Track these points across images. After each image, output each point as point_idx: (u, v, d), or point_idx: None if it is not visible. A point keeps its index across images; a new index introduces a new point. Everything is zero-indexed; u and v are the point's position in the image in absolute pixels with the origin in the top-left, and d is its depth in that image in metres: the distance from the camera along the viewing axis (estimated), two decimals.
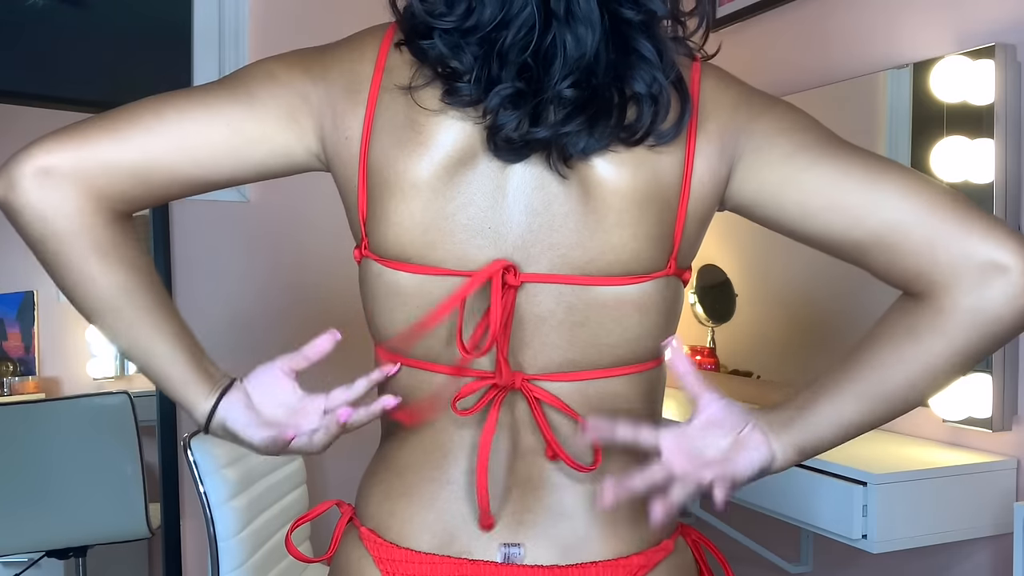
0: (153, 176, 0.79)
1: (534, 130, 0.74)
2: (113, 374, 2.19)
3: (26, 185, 0.76)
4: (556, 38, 0.75)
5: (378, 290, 0.81)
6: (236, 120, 0.79)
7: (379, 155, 0.79)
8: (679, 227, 0.80)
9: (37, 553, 2.03)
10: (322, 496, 2.33)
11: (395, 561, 0.82)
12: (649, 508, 0.75)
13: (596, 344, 0.79)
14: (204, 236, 2.24)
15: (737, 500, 1.70)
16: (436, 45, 0.76)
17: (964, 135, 1.58)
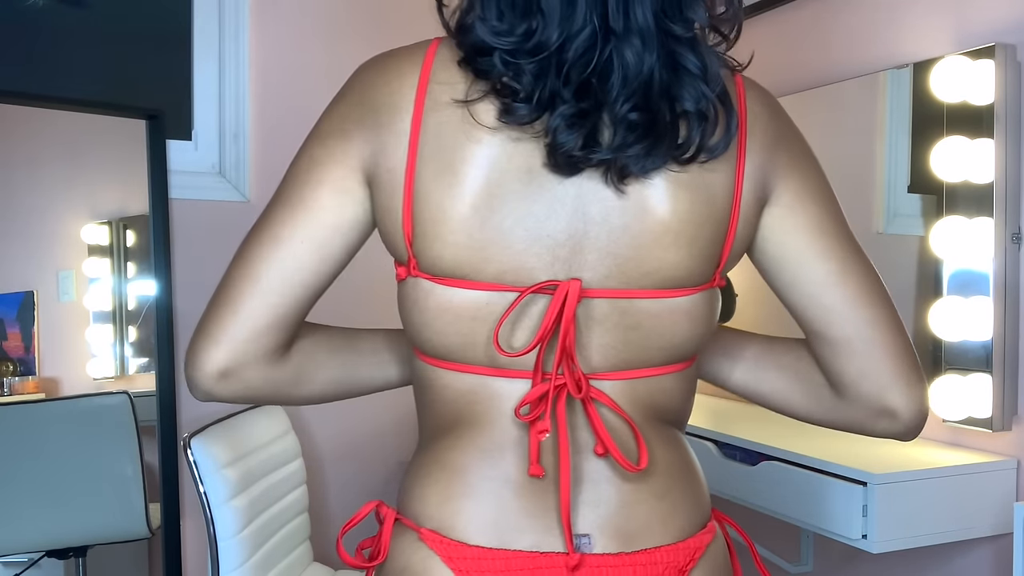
0: (289, 317, 0.89)
1: (596, 151, 0.77)
2: (113, 374, 2.19)
3: (219, 391, 0.86)
4: (613, 55, 0.77)
5: (428, 306, 0.83)
6: (308, 237, 0.84)
7: (428, 180, 0.79)
8: (728, 244, 0.85)
9: (37, 553, 2.03)
10: (322, 496, 2.33)
11: (467, 559, 0.82)
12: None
13: (647, 346, 0.84)
14: (204, 236, 2.24)
15: (737, 500, 1.70)
16: (495, 64, 0.77)
17: (964, 135, 1.58)
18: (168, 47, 2.20)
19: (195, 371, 0.85)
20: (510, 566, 0.81)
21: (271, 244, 0.86)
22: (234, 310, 0.86)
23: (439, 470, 0.86)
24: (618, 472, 0.85)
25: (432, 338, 0.84)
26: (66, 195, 2.15)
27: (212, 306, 0.88)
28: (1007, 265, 1.55)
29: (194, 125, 2.22)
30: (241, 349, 0.84)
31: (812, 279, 0.87)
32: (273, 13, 2.28)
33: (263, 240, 0.86)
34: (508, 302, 0.80)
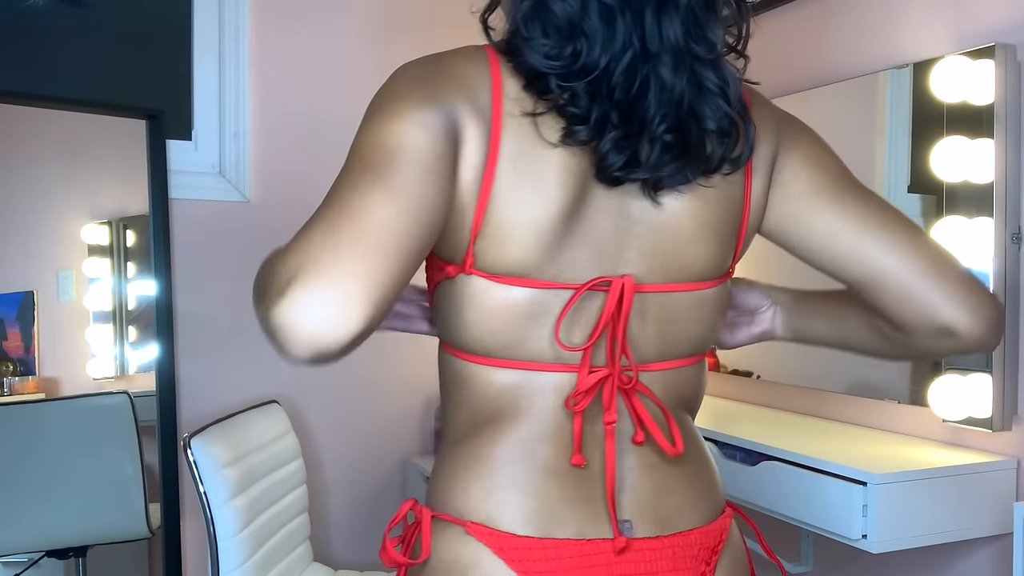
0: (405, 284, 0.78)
1: (635, 171, 0.84)
2: (113, 374, 2.19)
3: (341, 353, 0.72)
4: (650, 77, 0.83)
5: (484, 304, 0.85)
6: (427, 207, 0.77)
7: (508, 183, 0.82)
8: (743, 234, 0.93)
9: (37, 553, 2.03)
10: (322, 496, 2.33)
11: (517, 549, 0.84)
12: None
13: (680, 338, 0.91)
14: (204, 236, 2.24)
15: (737, 500, 1.70)
16: (551, 87, 0.82)
17: (964, 135, 1.58)
18: (168, 47, 2.20)
19: (329, 328, 0.69)
20: (560, 554, 0.84)
21: (397, 212, 0.74)
22: (373, 270, 0.71)
23: (479, 464, 0.87)
24: (651, 459, 0.90)
25: (483, 336, 0.86)
26: (66, 195, 2.15)
27: (343, 261, 0.70)
28: (1007, 265, 1.55)
29: (194, 125, 2.22)
30: (379, 314, 0.72)
31: (829, 231, 0.92)
32: (273, 13, 2.28)
33: (386, 205, 0.74)
34: (561, 299, 0.85)
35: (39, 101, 2.05)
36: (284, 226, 2.64)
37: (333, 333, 0.69)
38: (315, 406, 2.33)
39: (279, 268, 0.71)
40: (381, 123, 0.78)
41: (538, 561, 0.83)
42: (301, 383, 2.32)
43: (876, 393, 1.79)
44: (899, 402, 1.74)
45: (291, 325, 0.68)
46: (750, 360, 2.15)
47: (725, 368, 2.22)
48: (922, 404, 1.67)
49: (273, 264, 0.74)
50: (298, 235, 0.73)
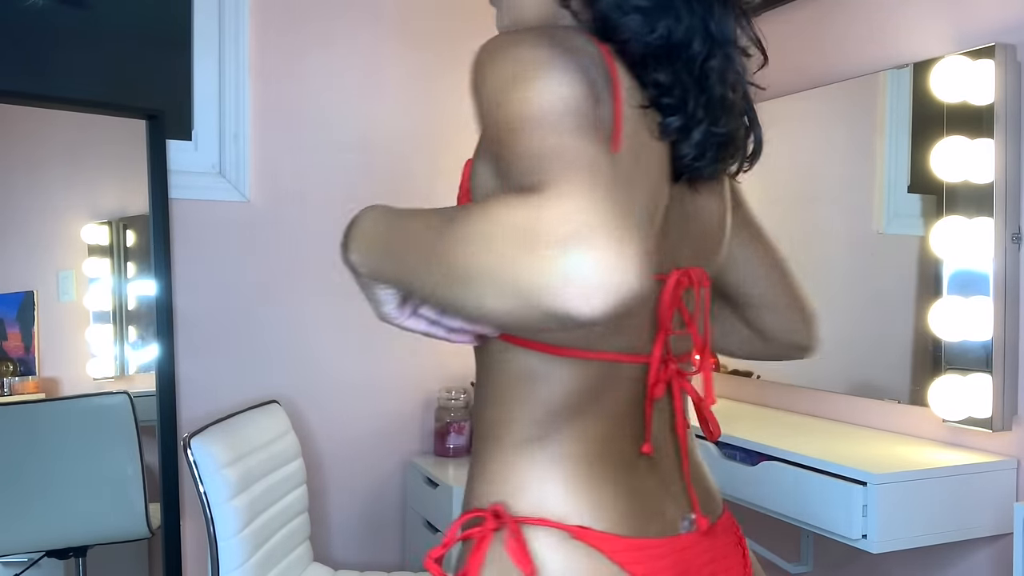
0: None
1: (699, 166, 0.85)
2: (113, 374, 2.19)
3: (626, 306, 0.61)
4: (715, 67, 0.85)
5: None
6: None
7: (626, 172, 0.77)
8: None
9: (37, 553, 2.03)
10: (322, 496, 2.33)
11: (629, 551, 0.80)
12: None
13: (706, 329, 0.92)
14: (204, 236, 2.24)
15: (737, 500, 1.70)
16: (658, 75, 0.81)
17: (964, 135, 1.58)
18: (168, 47, 2.20)
19: (627, 275, 0.58)
20: (662, 552, 0.83)
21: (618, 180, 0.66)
22: (640, 232, 0.62)
23: (568, 463, 0.82)
24: (696, 448, 0.94)
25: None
26: (66, 195, 2.15)
27: (623, 218, 0.61)
28: (1007, 265, 1.55)
29: (194, 125, 2.22)
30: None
31: (747, 252, 1.03)
32: (273, 13, 2.28)
33: (612, 174, 0.65)
34: (654, 290, 0.85)
35: (39, 101, 2.05)
36: (284, 226, 2.65)
37: (629, 287, 0.59)
38: (315, 406, 2.33)
39: (540, 220, 0.59)
40: (553, 87, 0.69)
41: (645, 561, 0.81)
42: (301, 383, 2.32)
43: (876, 393, 1.79)
44: (899, 402, 1.74)
45: (593, 273, 0.58)
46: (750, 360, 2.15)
47: (725, 368, 2.22)
48: (922, 404, 1.67)
49: (515, 217, 0.60)
50: (540, 193, 0.61)
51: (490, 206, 0.62)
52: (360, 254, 0.76)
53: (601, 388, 0.84)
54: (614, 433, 0.85)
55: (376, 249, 0.74)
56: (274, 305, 2.31)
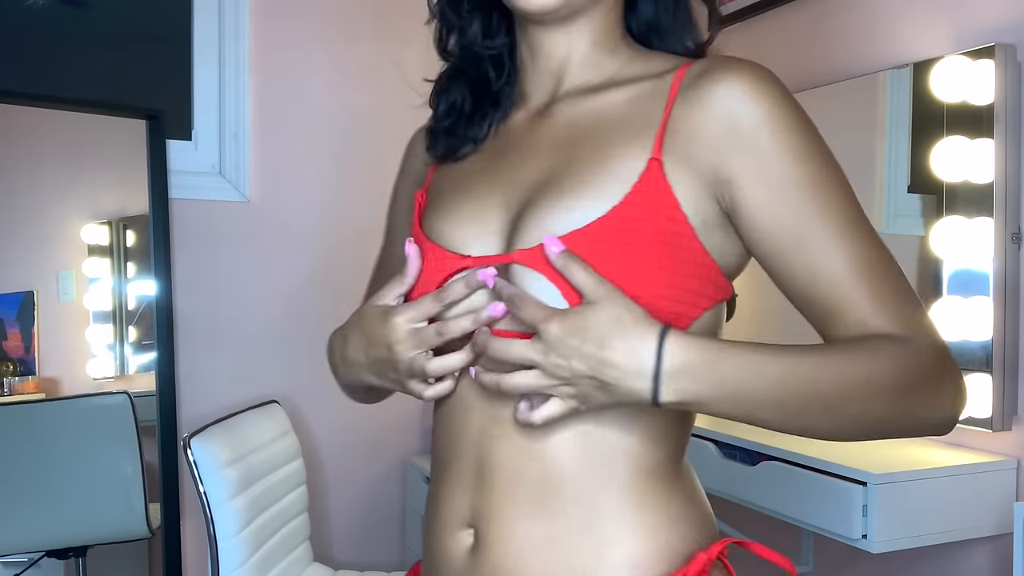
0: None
1: None
2: (113, 374, 2.19)
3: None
4: None
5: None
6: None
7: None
8: None
9: (37, 553, 2.03)
10: (322, 496, 2.33)
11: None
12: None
13: None
14: (204, 236, 2.24)
15: (737, 500, 1.70)
16: None
17: (964, 135, 1.58)
18: (168, 47, 2.20)
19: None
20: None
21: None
22: None
23: (696, 488, 0.85)
24: None
25: None
26: (66, 195, 2.16)
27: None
28: (1007, 265, 1.55)
29: (194, 125, 2.23)
30: None
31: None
32: (273, 13, 2.29)
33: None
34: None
35: (39, 101, 2.05)
36: (284, 226, 2.65)
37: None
38: (315, 406, 2.33)
39: (941, 368, 0.76)
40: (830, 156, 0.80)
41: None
42: (301, 383, 2.32)
43: None
44: None
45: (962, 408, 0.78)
46: None
47: None
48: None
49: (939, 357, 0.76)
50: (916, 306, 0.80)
51: (895, 364, 0.73)
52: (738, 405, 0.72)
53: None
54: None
55: (760, 403, 0.71)
56: (274, 305, 2.31)
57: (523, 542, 0.77)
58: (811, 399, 0.71)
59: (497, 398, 0.78)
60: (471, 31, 0.89)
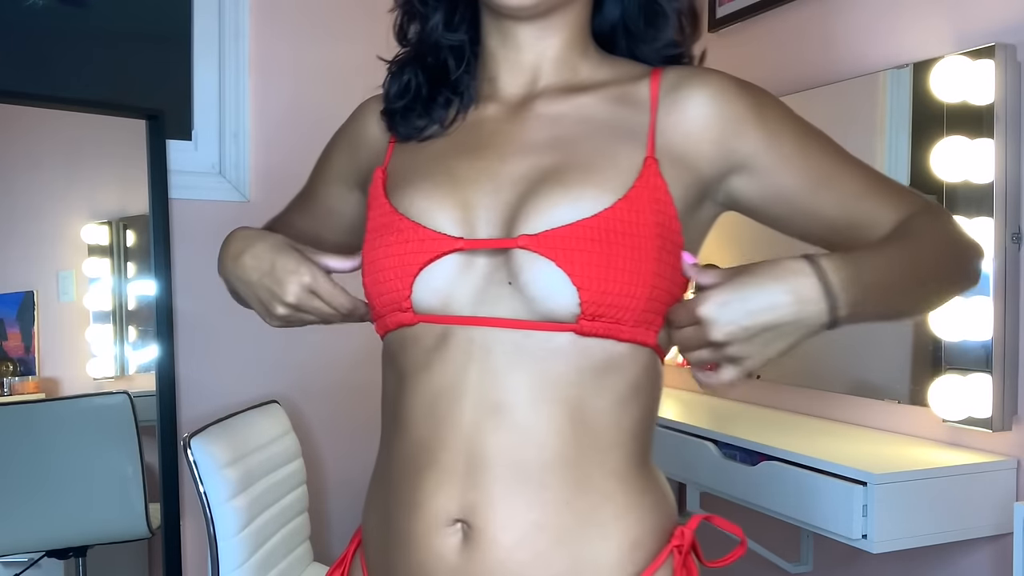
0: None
1: None
2: (113, 374, 2.19)
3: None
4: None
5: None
6: None
7: None
8: None
9: (37, 553, 2.03)
10: (322, 496, 2.33)
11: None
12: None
13: None
14: (204, 236, 2.23)
15: (737, 500, 1.70)
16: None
17: (964, 135, 1.58)
18: (168, 47, 2.20)
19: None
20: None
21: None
22: None
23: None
24: None
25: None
26: (66, 195, 2.16)
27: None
28: (1007, 265, 1.55)
29: (194, 125, 2.22)
30: None
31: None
32: (273, 13, 2.28)
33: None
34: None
35: (39, 101, 2.05)
36: None
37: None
38: (315, 406, 2.33)
39: (953, 226, 0.88)
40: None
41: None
42: (301, 383, 2.32)
43: (876, 393, 1.79)
44: (899, 402, 1.74)
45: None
46: None
47: None
48: (922, 404, 1.67)
49: (944, 224, 0.87)
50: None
51: (949, 225, 0.87)
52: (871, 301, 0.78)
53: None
54: None
55: (889, 292, 0.80)
56: None
57: (522, 533, 0.78)
58: (922, 277, 0.83)
59: (491, 386, 0.79)
60: (433, 20, 0.91)
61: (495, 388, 0.79)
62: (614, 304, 0.77)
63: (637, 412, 0.83)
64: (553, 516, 0.78)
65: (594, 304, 0.76)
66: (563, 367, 0.79)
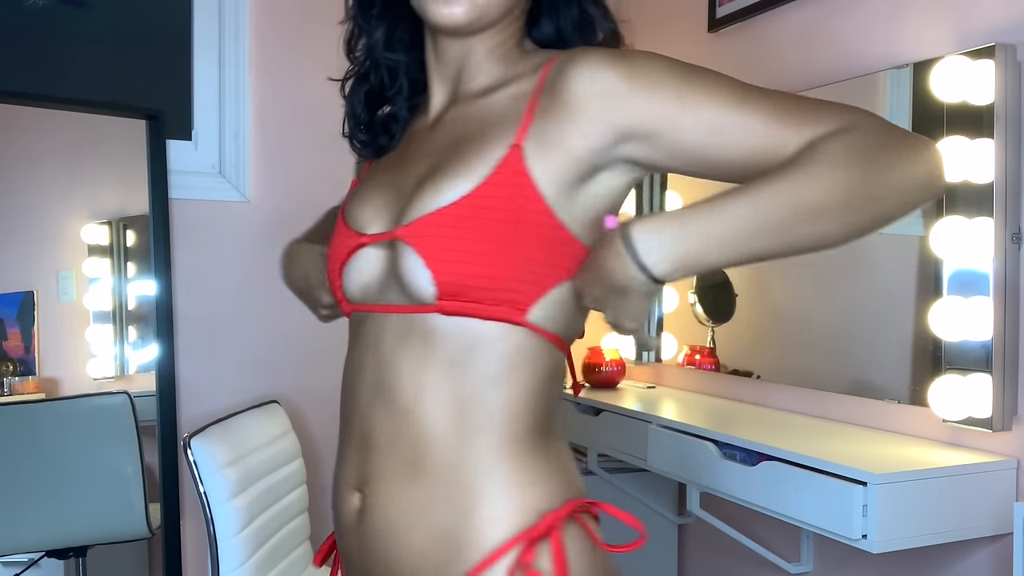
0: None
1: None
2: (113, 374, 2.19)
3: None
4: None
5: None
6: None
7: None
8: None
9: (37, 553, 2.03)
10: (322, 496, 2.33)
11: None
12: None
13: None
14: (204, 236, 2.24)
15: (737, 500, 1.70)
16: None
17: (964, 135, 1.58)
18: (168, 47, 2.20)
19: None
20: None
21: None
22: None
23: (564, 448, 0.93)
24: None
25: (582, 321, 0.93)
26: (66, 195, 2.16)
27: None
28: (1007, 265, 1.55)
29: (194, 125, 2.23)
30: None
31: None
32: (273, 13, 2.28)
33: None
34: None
35: (39, 101, 2.05)
36: (284, 226, 2.63)
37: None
38: (315, 406, 2.33)
39: (890, 133, 0.79)
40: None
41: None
42: (301, 383, 2.32)
43: (876, 393, 1.79)
44: (899, 402, 1.74)
45: (943, 159, 0.81)
46: (750, 360, 2.15)
47: (725, 368, 2.22)
48: (922, 404, 1.67)
49: (878, 132, 0.79)
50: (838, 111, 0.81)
51: (859, 138, 0.77)
52: (719, 251, 0.77)
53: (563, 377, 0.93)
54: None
55: (743, 237, 0.77)
56: (274, 305, 2.30)
57: (398, 506, 0.86)
58: (790, 209, 0.76)
59: (381, 367, 0.88)
60: (375, 37, 0.98)
61: (384, 371, 0.87)
62: (469, 284, 0.82)
63: (513, 391, 0.86)
64: (429, 491, 0.85)
65: (448, 285, 0.82)
66: (439, 349, 0.85)
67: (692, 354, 2.33)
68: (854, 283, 1.85)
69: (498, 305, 0.83)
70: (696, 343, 2.32)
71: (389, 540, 0.86)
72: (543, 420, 0.89)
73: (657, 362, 2.48)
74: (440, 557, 0.84)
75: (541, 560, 0.82)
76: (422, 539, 0.85)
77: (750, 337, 2.16)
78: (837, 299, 1.89)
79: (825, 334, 1.93)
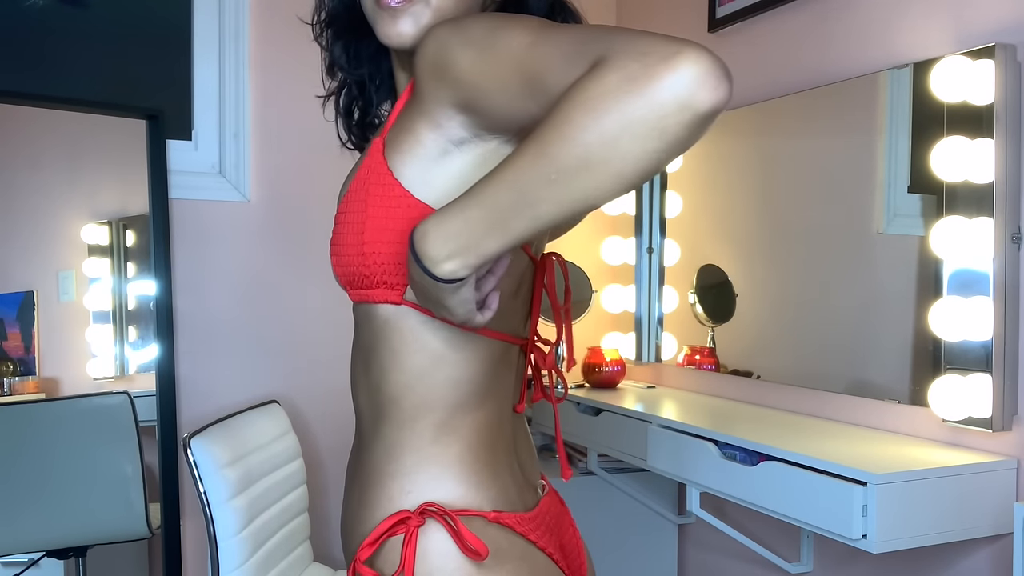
0: None
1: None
2: (113, 374, 2.19)
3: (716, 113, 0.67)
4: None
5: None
6: None
7: None
8: None
9: (37, 553, 2.03)
10: (322, 496, 2.33)
11: (526, 523, 0.90)
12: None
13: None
14: (204, 236, 2.24)
15: (737, 500, 1.70)
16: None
17: (964, 135, 1.58)
18: (168, 47, 2.20)
19: (720, 91, 0.65)
20: (542, 517, 0.94)
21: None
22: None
23: (476, 450, 0.90)
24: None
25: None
26: (66, 195, 2.16)
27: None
28: (1007, 265, 1.55)
29: (194, 125, 2.23)
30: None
31: None
32: (273, 13, 2.28)
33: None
34: (528, 278, 0.98)
35: (40, 101, 2.05)
36: (284, 226, 2.64)
37: (727, 89, 0.65)
38: (315, 406, 2.33)
39: (638, 43, 0.66)
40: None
41: (537, 529, 0.91)
42: (301, 383, 2.32)
43: (876, 393, 1.79)
44: (899, 402, 1.74)
45: (704, 72, 0.64)
46: (750, 360, 2.15)
47: (725, 368, 2.22)
48: (922, 404, 1.67)
49: (626, 69, 0.66)
50: (613, 35, 0.69)
51: (590, 82, 0.66)
52: (467, 240, 0.73)
53: (497, 371, 0.91)
54: (502, 416, 0.93)
55: (485, 218, 0.72)
56: (274, 305, 2.31)
57: (351, 478, 0.94)
58: (537, 179, 0.69)
59: (353, 355, 0.94)
60: (335, 54, 1.06)
61: (353, 355, 0.95)
62: (352, 272, 0.87)
63: (406, 374, 0.88)
64: (359, 467, 0.92)
65: (342, 276, 0.89)
66: (360, 337, 0.92)
67: (692, 354, 2.33)
68: (854, 283, 1.85)
69: (378, 288, 0.87)
70: (696, 343, 2.32)
71: (344, 505, 0.95)
72: (445, 412, 0.88)
73: (657, 362, 2.48)
74: (350, 540, 0.92)
75: (378, 558, 0.85)
76: (348, 514, 0.93)
77: (750, 337, 2.16)
78: (837, 299, 1.89)
79: (825, 334, 1.93)
